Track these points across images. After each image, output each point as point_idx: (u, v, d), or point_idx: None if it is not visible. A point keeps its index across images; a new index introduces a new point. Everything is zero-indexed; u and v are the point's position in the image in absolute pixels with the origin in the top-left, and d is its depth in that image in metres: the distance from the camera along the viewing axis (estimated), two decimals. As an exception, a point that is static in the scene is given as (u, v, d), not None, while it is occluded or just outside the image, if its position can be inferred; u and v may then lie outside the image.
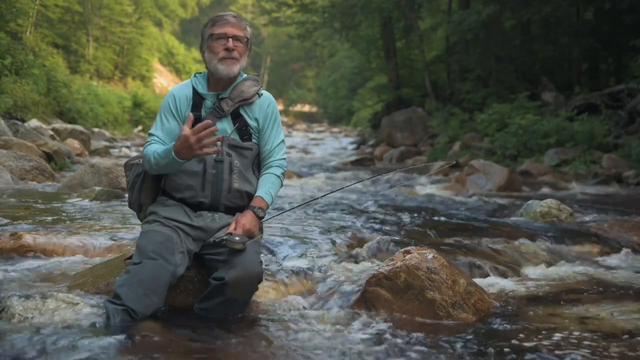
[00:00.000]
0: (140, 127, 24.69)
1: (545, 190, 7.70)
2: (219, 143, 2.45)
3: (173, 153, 2.28)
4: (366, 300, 2.51)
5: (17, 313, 2.13)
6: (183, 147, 2.25)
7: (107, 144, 15.39)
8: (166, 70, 44.93)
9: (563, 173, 9.50)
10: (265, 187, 2.53)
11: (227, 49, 2.45)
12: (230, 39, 2.45)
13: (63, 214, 4.31)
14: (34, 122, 12.88)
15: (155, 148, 2.42)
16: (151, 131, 2.55)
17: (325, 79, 44.82)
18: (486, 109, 14.65)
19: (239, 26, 2.49)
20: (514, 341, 2.17)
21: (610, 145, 10.61)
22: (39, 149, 8.20)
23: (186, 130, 2.24)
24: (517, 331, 2.29)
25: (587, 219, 4.96)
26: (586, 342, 2.13)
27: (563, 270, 3.37)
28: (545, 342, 2.14)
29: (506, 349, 2.08)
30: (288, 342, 2.12)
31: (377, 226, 4.19)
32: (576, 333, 2.23)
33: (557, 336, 2.20)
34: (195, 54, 44.67)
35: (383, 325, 2.32)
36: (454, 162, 10.03)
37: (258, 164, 2.62)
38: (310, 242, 3.46)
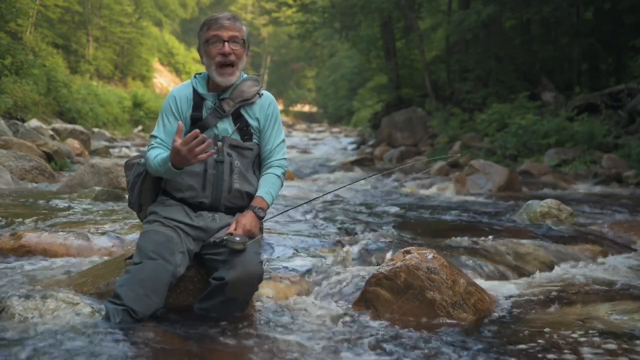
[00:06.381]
0: (140, 127, 24.70)
1: (545, 190, 7.70)
2: (218, 143, 2.46)
3: (170, 164, 2.29)
4: (366, 300, 2.51)
5: (17, 313, 2.13)
6: (177, 159, 2.26)
7: (107, 144, 15.39)
8: (166, 70, 44.94)
9: (563, 173, 9.50)
10: (266, 188, 2.53)
11: (224, 54, 2.44)
12: (226, 43, 2.44)
13: (63, 214, 4.31)
14: (34, 122, 12.89)
15: (157, 153, 2.41)
16: (153, 133, 2.54)
17: (325, 79, 44.81)
18: (486, 109, 14.65)
19: (234, 27, 2.46)
20: (513, 341, 2.17)
21: (610, 145, 10.62)
22: (39, 149, 8.20)
23: (177, 141, 2.23)
24: (517, 331, 2.29)
25: (587, 219, 4.96)
26: (586, 342, 2.13)
27: (563, 270, 3.37)
28: (545, 342, 2.14)
29: (506, 349, 2.08)
30: (288, 342, 2.12)
31: (377, 226, 4.19)
32: (576, 333, 2.23)
33: (557, 336, 2.20)
34: (195, 54, 44.54)
35: (383, 326, 2.32)
36: (458, 155, 10.02)
37: (259, 164, 2.62)
38: (310, 242, 3.46)
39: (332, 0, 21.96)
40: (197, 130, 2.23)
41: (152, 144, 2.49)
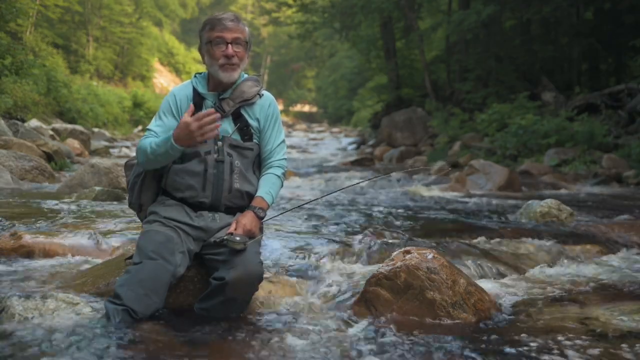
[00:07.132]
0: (140, 127, 24.72)
1: (545, 190, 7.70)
2: (218, 143, 2.46)
3: (172, 140, 2.29)
4: (366, 300, 2.51)
5: (17, 313, 2.13)
6: (184, 133, 2.26)
7: (107, 144, 15.41)
8: (166, 70, 44.98)
9: (563, 173, 9.50)
10: (266, 188, 2.53)
11: (227, 56, 2.44)
12: (229, 45, 2.44)
13: (63, 214, 4.31)
14: (34, 122, 12.91)
15: (153, 139, 2.41)
16: (149, 126, 2.53)
17: (325, 79, 44.84)
18: (486, 109, 14.67)
19: (238, 29, 2.46)
20: (513, 341, 2.17)
21: (610, 145, 10.63)
22: (39, 149, 8.21)
23: (187, 117, 2.25)
24: (517, 331, 2.29)
25: (587, 219, 4.95)
26: (586, 342, 2.13)
27: (563, 270, 3.38)
28: (544, 342, 2.14)
29: (506, 349, 2.08)
30: (288, 342, 2.12)
31: (377, 226, 4.19)
32: (576, 333, 2.23)
33: (556, 336, 2.20)
34: (195, 54, 44.71)
35: (383, 325, 2.32)
36: (450, 169, 10.06)
37: (259, 164, 2.62)
38: (310, 242, 3.46)
39: (332, 0, 21.97)
40: (212, 109, 2.26)
41: (147, 136, 2.49)
